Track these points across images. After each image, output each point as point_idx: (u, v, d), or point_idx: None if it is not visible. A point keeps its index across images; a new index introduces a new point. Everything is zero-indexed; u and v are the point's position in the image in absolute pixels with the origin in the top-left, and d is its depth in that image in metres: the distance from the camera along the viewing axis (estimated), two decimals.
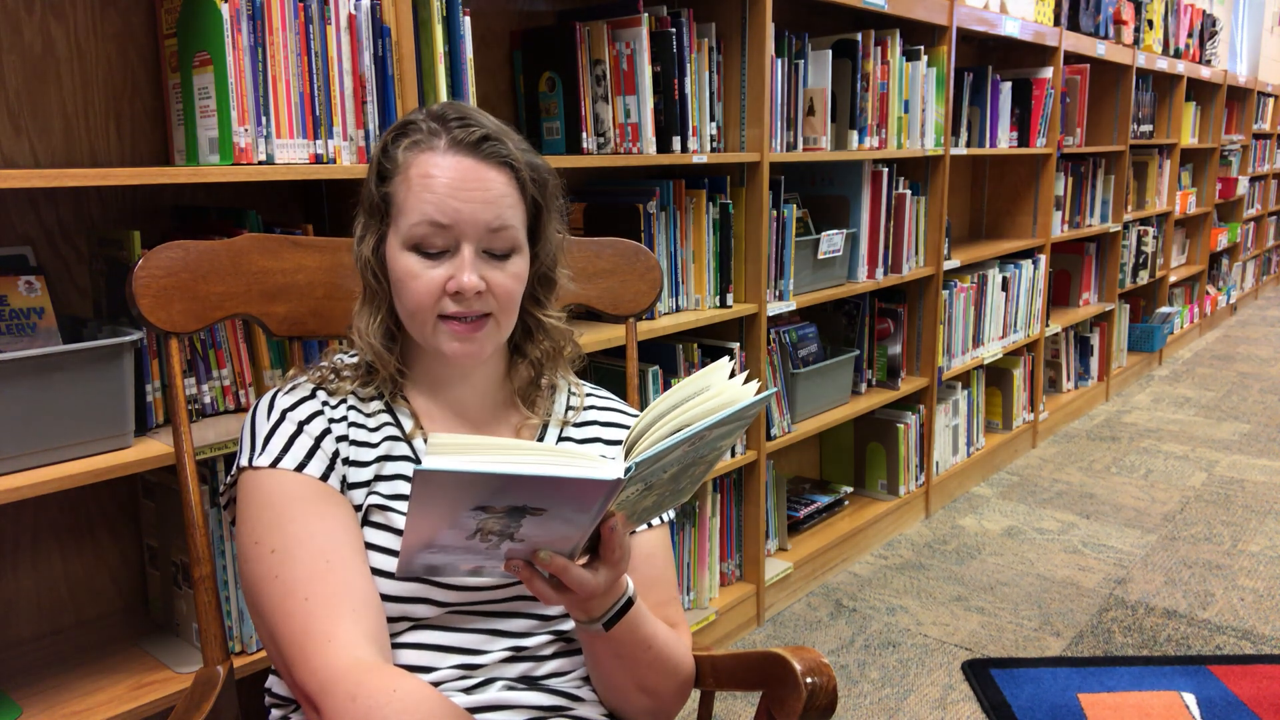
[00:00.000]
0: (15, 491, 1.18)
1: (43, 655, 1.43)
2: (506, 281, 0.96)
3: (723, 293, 2.20)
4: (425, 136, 0.95)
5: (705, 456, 0.86)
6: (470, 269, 0.93)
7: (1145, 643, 2.31)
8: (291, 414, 0.97)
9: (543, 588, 0.83)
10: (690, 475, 0.88)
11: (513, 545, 0.80)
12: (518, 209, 0.96)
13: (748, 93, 2.20)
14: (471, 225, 0.93)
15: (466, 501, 0.75)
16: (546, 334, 1.06)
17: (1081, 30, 3.72)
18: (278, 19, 1.38)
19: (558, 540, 0.81)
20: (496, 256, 0.96)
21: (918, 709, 2.06)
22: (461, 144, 0.94)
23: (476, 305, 0.95)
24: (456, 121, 0.95)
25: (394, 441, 1.00)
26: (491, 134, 0.95)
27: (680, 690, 1.03)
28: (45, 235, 1.43)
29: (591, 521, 0.79)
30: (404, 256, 0.94)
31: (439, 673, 0.95)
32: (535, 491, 0.75)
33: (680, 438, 0.77)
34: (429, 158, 0.93)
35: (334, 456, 0.96)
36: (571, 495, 0.76)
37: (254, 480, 0.95)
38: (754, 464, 2.35)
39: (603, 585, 0.85)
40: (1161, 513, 3.13)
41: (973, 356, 3.30)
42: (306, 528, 0.92)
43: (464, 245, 0.93)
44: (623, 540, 0.84)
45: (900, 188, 2.79)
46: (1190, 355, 5.44)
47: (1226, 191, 6.04)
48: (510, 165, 0.95)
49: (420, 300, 0.94)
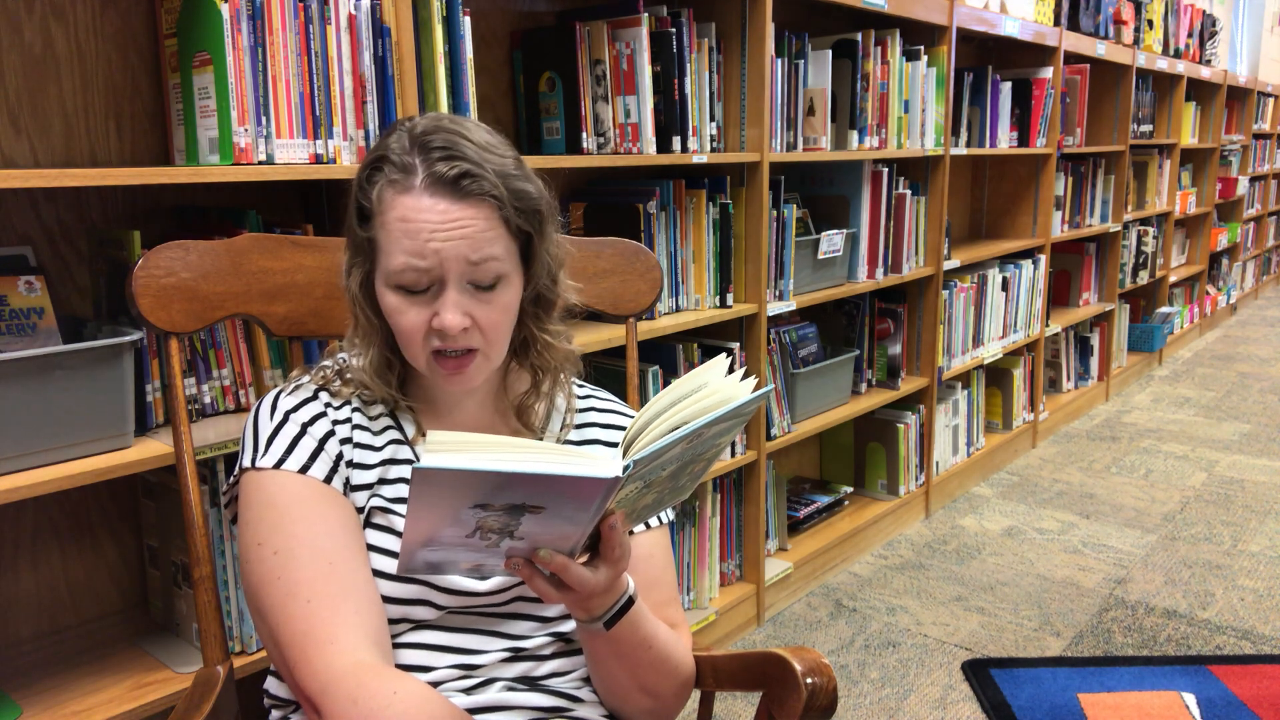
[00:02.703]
0: (15, 491, 1.18)
1: (43, 655, 1.43)
2: (493, 315, 0.94)
3: (723, 293, 2.20)
4: (401, 176, 0.90)
5: (704, 454, 0.86)
6: (452, 309, 0.91)
7: (1145, 643, 2.31)
8: (295, 415, 0.97)
9: (543, 586, 0.83)
10: (689, 473, 0.88)
11: (513, 543, 0.81)
12: (502, 241, 0.93)
13: (748, 93, 2.20)
14: (453, 262, 0.91)
15: (465, 499, 0.75)
16: (547, 350, 1.05)
17: (1081, 30, 3.72)
18: (278, 19, 1.38)
19: (557, 538, 0.81)
20: (483, 288, 0.94)
21: (918, 709, 2.06)
22: (440, 181, 0.90)
23: (462, 341, 0.94)
24: (437, 152, 0.90)
25: (398, 445, 1.00)
26: (471, 169, 0.90)
27: (681, 691, 1.03)
28: (45, 235, 1.43)
29: (591, 519, 0.79)
30: (390, 295, 0.94)
31: (438, 672, 0.95)
32: (534, 489, 0.75)
33: (678, 435, 0.77)
34: (405, 201, 0.90)
35: (337, 459, 0.96)
36: (570, 493, 0.76)
37: (256, 481, 0.94)
38: (754, 464, 2.35)
39: (603, 583, 0.85)
40: (1161, 513, 3.13)
41: (973, 356, 3.30)
42: (310, 529, 0.91)
43: (448, 283, 0.92)
44: (623, 538, 0.84)
45: (900, 188, 2.79)
46: (1190, 355, 5.44)
47: (1226, 191, 6.04)
48: (492, 199, 0.92)
49: (409, 335, 0.94)
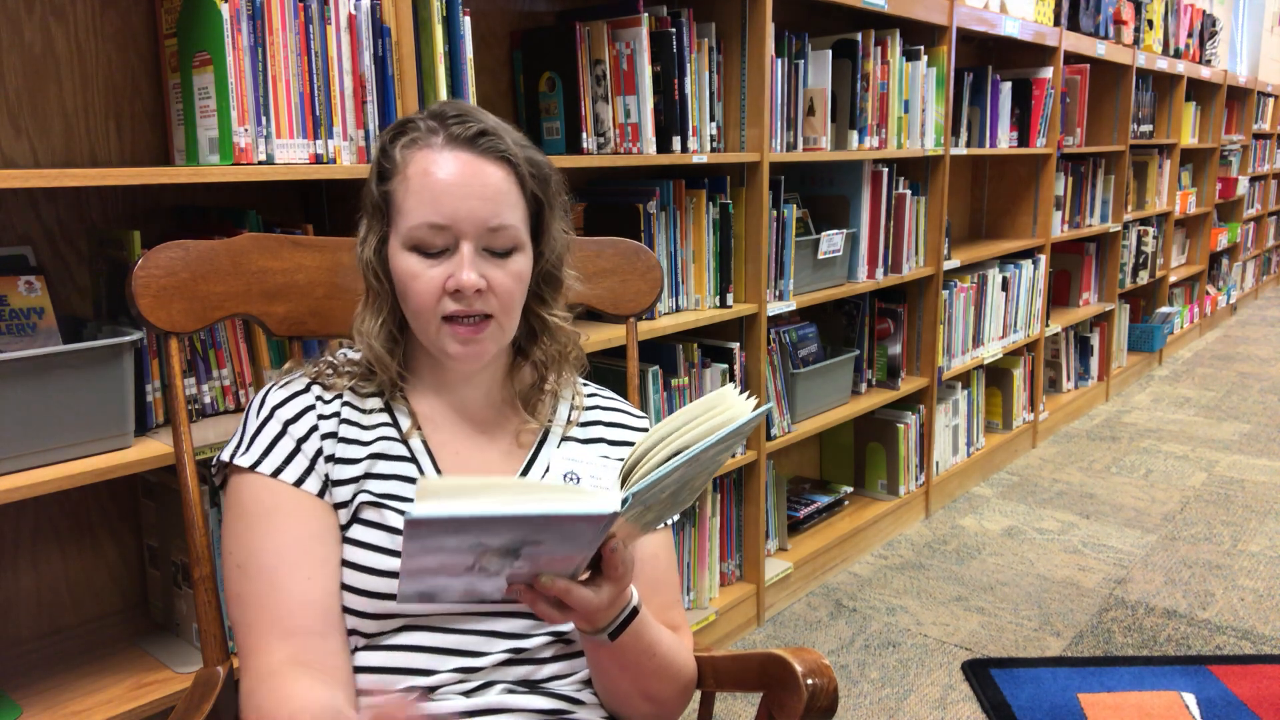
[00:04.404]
0: (15, 491, 1.18)
1: (43, 655, 1.43)
2: (507, 280, 0.95)
3: (723, 293, 2.20)
4: (423, 134, 0.94)
5: (704, 470, 0.86)
6: (469, 266, 0.92)
7: (1145, 643, 2.31)
8: (280, 411, 0.98)
9: (546, 609, 0.83)
10: (689, 488, 0.87)
11: (513, 570, 0.80)
12: (518, 206, 0.96)
13: (748, 93, 2.20)
14: (470, 223, 0.92)
15: (461, 542, 0.74)
16: (551, 335, 1.05)
17: (1081, 30, 3.72)
18: (278, 19, 1.38)
19: (558, 563, 0.80)
20: (497, 254, 0.95)
21: (918, 709, 2.06)
22: (459, 139, 0.93)
23: (477, 305, 0.94)
24: (454, 119, 0.94)
25: (389, 441, 1.00)
26: (489, 129, 0.94)
27: (682, 695, 1.03)
28: (45, 235, 1.43)
29: (591, 546, 0.79)
30: (405, 257, 0.94)
31: (439, 675, 0.95)
32: (530, 529, 0.74)
33: (677, 463, 0.76)
34: (426, 155, 0.93)
35: (315, 456, 0.97)
36: (568, 529, 0.75)
37: (236, 484, 0.97)
38: (754, 464, 2.35)
39: (606, 601, 0.84)
40: (1161, 513, 3.13)
41: (973, 356, 3.30)
42: (264, 543, 0.94)
43: (463, 243, 0.93)
44: (625, 557, 0.83)
45: (900, 188, 2.79)
46: (1190, 355, 5.44)
47: (1226, 191, 6.04)
48: (509, 160, 0.94)
49: (423, 301, 0.94)
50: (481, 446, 1.03)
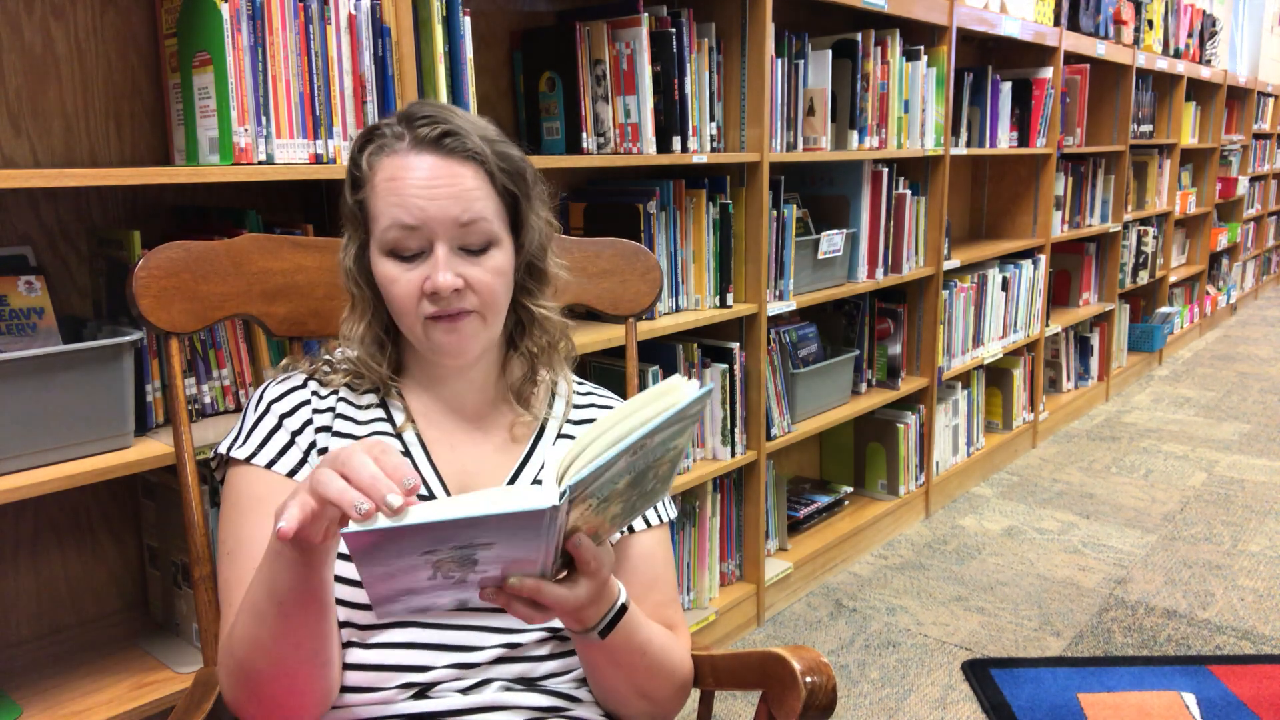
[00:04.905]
0: (15, 491, 1.18)
1: (43, 655, 1.43)
2: (485, 277, 0.95)
3: (723, 293, 2.20)
4: (389, 140, 0.94)
5: (661, 458, 0.84)
6: (444, 267, 0.93)
7: (1145, 643, 2.31)
8: (276, 406, 1.00)
9: (522, 610, 0.82)
10: (654, 475, 0.85)
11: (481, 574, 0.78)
12: (489, 200, 0.95)
13: (748, 93, 2.20)
14: (440, 223, 0.92)
15: (407, 551, 0.73)
16: (540, 327, 1.05)
17: (1081, 30, 3.72)
18: (278, 19, 1.38)
19: (523, 564, 0.79)
20: (473, 252, 0.95)
21: (918, 709, 2.06)
22: (424, 141, 0.93)
23: (455, 303, 0.94)
24: (421, 120, 0.94)
25: (384, 435, 1.01)
26: (454, 129, 0.93)
27: (678, 693, 1.03)
28: (45, 235, 1.43)
29: (547, 543, 0.77)
30: (382, 262, 0.95)
31: (435, 672, 0.95)
32: (471, 531, 0.72)
33: (615, 453, 0.74)
34: (393, 160, 0.93)
35: (309, 449, 0.98)
36: (509, 528, 0.73)
37: (232, 476, 0.99)
38: (754, 464, 2.35)
39: (584, 597, 0.83)
40: (1161, 513, 3.13)
41: (973, 356, 3.30)
42: (253, 531, 0.94)
43: (437, 244, 0.93)
44: (595, 552, 0.82)
45: (900, 188, 2.79)
46: (1190, 355, 5.44)
47: (1226, 191, 6.04)
48: (476, 158, 0.94)
49: (403, 304, 0.95)
50: (476, 441, 1.04)
